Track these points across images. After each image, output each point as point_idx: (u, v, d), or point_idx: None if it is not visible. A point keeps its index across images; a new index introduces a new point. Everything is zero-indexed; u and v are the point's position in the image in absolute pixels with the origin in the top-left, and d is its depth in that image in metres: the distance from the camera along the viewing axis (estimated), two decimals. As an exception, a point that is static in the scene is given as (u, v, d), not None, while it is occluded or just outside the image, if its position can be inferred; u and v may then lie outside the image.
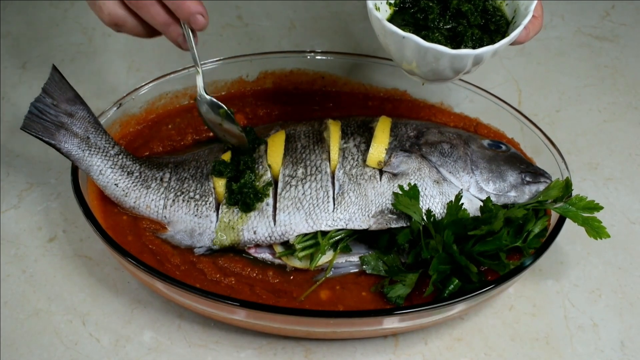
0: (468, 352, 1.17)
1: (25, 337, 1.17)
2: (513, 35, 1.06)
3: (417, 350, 1.17)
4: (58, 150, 1.22)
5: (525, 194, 1.23)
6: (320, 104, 1.46)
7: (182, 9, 1.10)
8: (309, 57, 1.47)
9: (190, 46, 1.16)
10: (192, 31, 1.15)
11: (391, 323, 1.10)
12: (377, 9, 1.09)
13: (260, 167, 1.25)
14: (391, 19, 1.11)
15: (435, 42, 1.04)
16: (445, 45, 1.05)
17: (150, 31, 1.16)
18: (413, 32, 1.04)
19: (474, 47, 1.07)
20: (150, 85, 1.39)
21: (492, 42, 1.08)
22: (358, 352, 1.17)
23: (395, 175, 1.22)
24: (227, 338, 1.18)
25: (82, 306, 1.21)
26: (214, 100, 1.23)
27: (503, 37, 1.08)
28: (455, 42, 1.09)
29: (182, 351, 1.16)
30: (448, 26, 1.09)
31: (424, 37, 1.04)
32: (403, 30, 1.03)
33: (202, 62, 1.43)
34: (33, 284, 1.24)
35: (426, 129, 1.29)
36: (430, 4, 1.10)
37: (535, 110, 1.57)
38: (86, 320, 1.20)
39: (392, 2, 1.12)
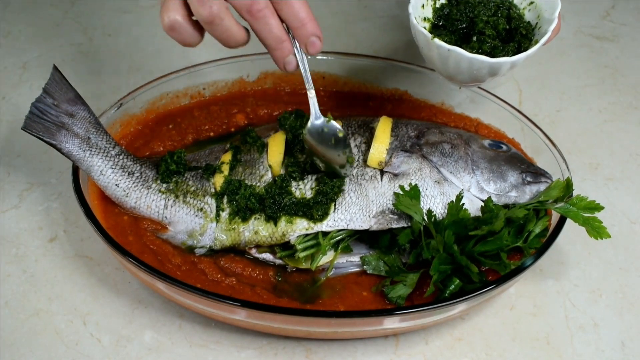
0: (469, 352, 1.17)
1: (26, 337, 1.17)
2: (543, 40, 1.17)
3: (418, 350, 1.17)
4: (59, 150, 1.22)
5: (526, 194, 1.23)
6: (321, 104, 1.46)
7: (305, 28, 1.05)
8: (309, 57, 1.47)
9: (303, 68, 1.12)
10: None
11: (392, 323, 1.10)
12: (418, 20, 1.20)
13: (261, 167, 1.25)
14: (430, 31, 1.21)
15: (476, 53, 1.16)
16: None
17: (198, 41, 1.09)
18: (454, 44, 1.17)
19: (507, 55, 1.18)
20: (151, 85, 1.39)
21: (520, 49, 1.19)
22: (359, 352, 1.17)
23: (396, 175, 1.22)
24: (228, 338, 1.18)
25: (82, 306, 1.21)
26: (334, 123, 1.17)
27: (530, 41, 1.19)
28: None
29: (182, 351, 1.16)
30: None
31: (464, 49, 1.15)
32: (447, 43, 1.16)
33: (202, 62, 1.44)
34: (34, 284, 1.24)
35: (427, 129, 1.30)
36: (460, 25, 1.21)
37: (536, 110, 1.57)
38: (87, 320, 1.20)
39: (430, 17, 1.23)
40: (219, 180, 1.24)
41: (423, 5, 1.22)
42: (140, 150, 1.35)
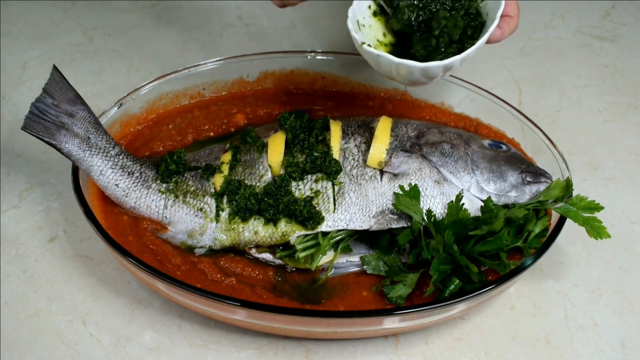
0: (468, 352, 1.17)
1: (26, 337, 1.17)
2: (478, 43, 1.14)
3: (418, 350, 1.17)
4: (59, 150, 1.22)
5: (525, 194, 1.23)
6: (321, 104, 1.46)
7: None
8: (309, 57, 1.47)
9: None
10: None
11: (392, 323, 1.10)
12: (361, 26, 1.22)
13: (261, 167, 1.25)
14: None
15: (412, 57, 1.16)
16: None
17: None
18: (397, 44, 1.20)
19: (443, 58, 1.15)
20: (151, 85, 1.39)
21: (463, 49, 1.16)
22: (359, 352, 1.17)
23: (395, 175, 1.22)
24: (228, 338, 1.18)
25: (82, 306, 1.21)
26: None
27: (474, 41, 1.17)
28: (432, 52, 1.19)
29: (182, 351, 1.16)
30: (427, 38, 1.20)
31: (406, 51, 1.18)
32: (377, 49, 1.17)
33: (202, 62, 1.44)
34: (33, 284, 1.24)
35: (427, 129, 1.29)
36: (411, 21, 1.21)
37: (536, 110, 1.57)
38: (87, 320, 1.20)
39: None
40: (218, 180, 1.24)
41: (370, 6, 1.23)
42: (140, 150, 1.35)
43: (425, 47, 1.19)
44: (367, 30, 1.23)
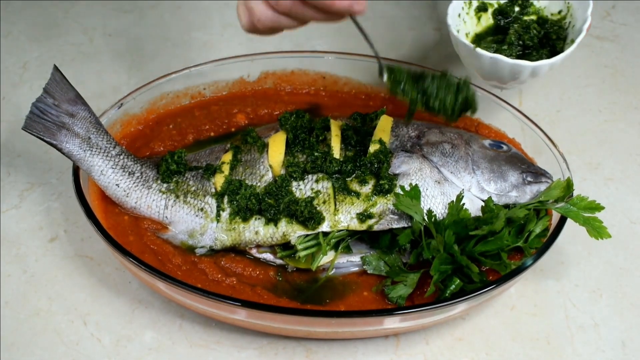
0: (469, 352, 1.17)
1: (26, 337, 1.17)
2: (579, 40, 1.30)
3: (419, 350, 1.17)
4: (59, 150, 1.22)
5: (526, 194, 1.23)
6: (321, 104, 1.46)
7: (335, 7, 1.00)
8: (309, 57, 1.47)
9: (365, 34, 1.13)
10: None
11: (392, 323, 1.10)
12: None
13: (261, 167, 1.25)
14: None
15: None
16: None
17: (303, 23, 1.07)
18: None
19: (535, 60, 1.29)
20: (151, 85, 1.39)
21: (555, 50, 1.33)
22: (359, 352, 1.17)
23: (396, 175, 1.22)
24: (228, 338, 1.18)
25: (83, 306, 1.21)
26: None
27: (564, 42, 1.33)
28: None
29: (183, 351, 1.16)
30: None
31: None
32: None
33: (202, 62, 1.44)
34: (34, 284, 1.24)
35: (427, 129, 1.30)
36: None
37: (536, 110, 1.57)
38: (87, 320, 1.20)
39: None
40: (219, 180, 1.24)
41: (459, 15, 1.35)
42: (141, 150, 1.35)
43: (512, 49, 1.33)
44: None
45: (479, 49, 1.27)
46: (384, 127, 1.27)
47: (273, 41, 1.71)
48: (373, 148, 1.23)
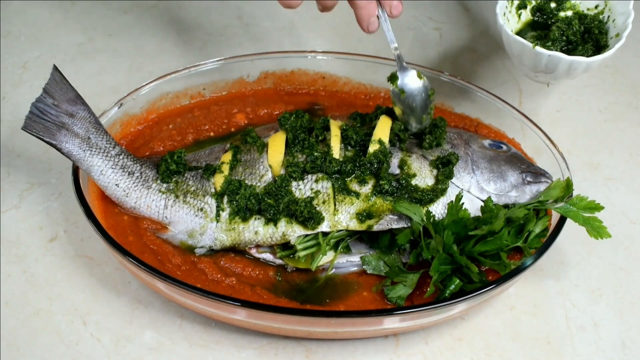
0: (469, 352, 1.17)
1: (26, 337, 1.17)
2: (620, 43, 1.35)
3: (418, 350, 1.17)
4: (59, 150, 1.22)
5: (526, 194, 1.23)
6: (321, 104, 1.46)
7: None
8: (309, 57, 1.47)
9: (386, 28, 1.21)
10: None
11: (392, 323, 1.10)
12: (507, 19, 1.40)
13: (261, 167, 1.25)
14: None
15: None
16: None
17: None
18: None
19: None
20: (151, 85, 1.39)
21: (599, 45, 1.38)
22: (359, 352, 1.17)
23: (395, 175, 1.22)
24: (228, 338, 1.18)
25: (83, 306, 1.21)
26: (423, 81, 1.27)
27: (606, 36, 1.38)
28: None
29: (183, 351, 1.16)
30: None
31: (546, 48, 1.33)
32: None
33: (202, 62, 1.44)
34: (34, 284, 1.24)
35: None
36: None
37: (536, 110, 1.57)
38: (87, 320, 1.20)
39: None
40: (219, 180, 1.24)
41: (504, 14, 1.39)
42: (141, 150, 1.35)
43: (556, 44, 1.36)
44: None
45: (538, 47, 1.30)
46: (383, 127, 1.27)
47: (273, 41, 1.72)
48: (373, 148, 1.23)
